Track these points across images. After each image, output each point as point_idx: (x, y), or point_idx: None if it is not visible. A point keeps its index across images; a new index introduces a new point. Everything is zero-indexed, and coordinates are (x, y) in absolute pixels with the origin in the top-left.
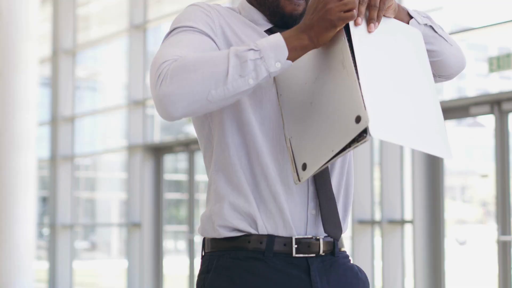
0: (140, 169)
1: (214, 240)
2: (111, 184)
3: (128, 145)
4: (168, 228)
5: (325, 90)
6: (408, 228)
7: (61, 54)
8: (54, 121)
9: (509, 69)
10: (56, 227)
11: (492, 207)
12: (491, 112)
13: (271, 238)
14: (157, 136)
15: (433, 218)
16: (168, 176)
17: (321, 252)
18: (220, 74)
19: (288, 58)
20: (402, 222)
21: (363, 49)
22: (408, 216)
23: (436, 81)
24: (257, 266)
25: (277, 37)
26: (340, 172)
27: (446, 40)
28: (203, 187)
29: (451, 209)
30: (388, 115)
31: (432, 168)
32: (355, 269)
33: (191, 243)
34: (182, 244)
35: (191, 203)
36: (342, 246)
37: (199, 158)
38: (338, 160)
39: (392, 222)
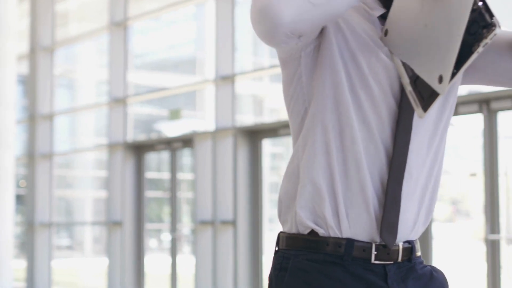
0: (121, 168)
1: (289, 238)
2: (84, 182)
3: (109, 143)
4: (149, 226)
5: (435, 2)
6: None
7: (39, 51)
8: (32, 119)
9: None
10: (35, 226)
11: (461, 206)
12: (480, 111)
13: (350, 242)
14: (131, 135)
15: None
16: (149, 175)
17: (399, 259)
18: None
19: None
20: None
21: None
22: None
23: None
24: (335, 271)
25: None
26: (428, 173)
27: None
28: (185, 186)
29: None
30: None
31: None
32: (429, 271)
33: (173, 242)
34: (164, 243)
35: (173, 202)
36: (418, 250)
37: (181, 156)
38: (428, 160)
39: None
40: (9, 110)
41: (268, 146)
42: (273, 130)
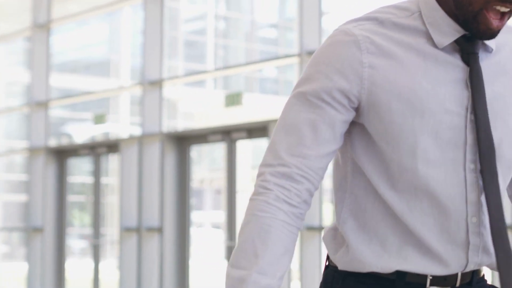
0: (43, 172)
1: None
2: None
3: (30, 147)
4: (72, 231)
5: None
6: None
7: None
8: None
9: None
10: None
11: None
12: None
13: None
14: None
15: None
16: (72, 179)
17: (457, 284)
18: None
19: None
20: None
21: None
22: None
23: None
24: None
25: None
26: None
27: None
28: (109, 190)
29: None
30: None
31: None
32: None
33: (95, 247)
34: (84, 248)
35: (97, 207)
36: (482, 271)
37: (105, 161)
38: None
39: None
40: None
41: None
42: (202, 137)
